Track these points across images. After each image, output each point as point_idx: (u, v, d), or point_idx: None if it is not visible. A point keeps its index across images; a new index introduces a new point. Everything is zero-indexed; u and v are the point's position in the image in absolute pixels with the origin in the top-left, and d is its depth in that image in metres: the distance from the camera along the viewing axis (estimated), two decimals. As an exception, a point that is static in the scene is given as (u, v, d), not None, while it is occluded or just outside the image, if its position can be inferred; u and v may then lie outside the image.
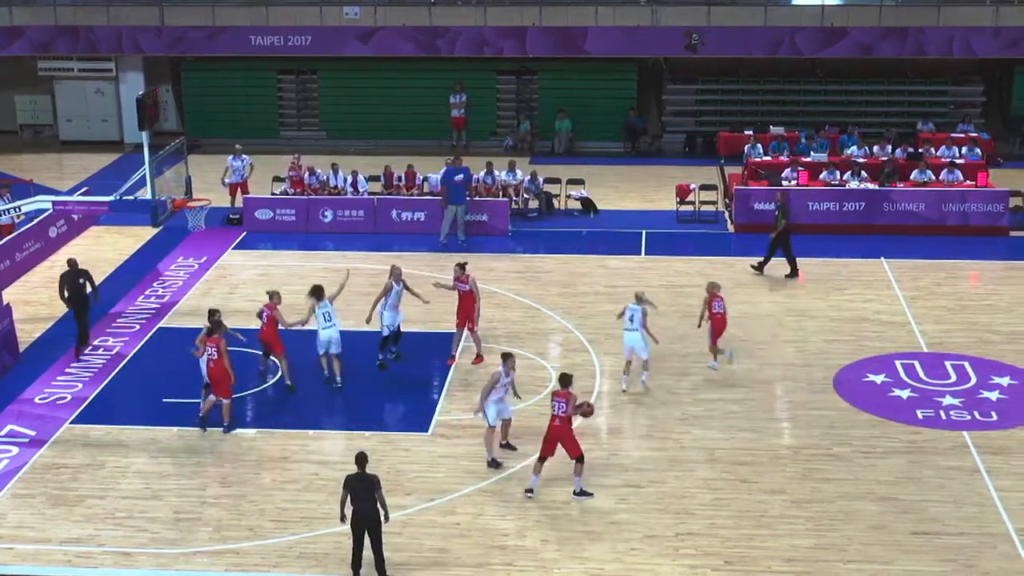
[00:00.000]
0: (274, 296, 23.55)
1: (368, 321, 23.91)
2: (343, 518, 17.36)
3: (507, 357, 20.31)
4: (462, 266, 24.34)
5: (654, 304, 23.66)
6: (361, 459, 17.44)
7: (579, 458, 19.22)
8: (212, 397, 21.67)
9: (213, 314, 22.36)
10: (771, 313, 26.87)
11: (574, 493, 19.29)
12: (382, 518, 17.20)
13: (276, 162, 36.92)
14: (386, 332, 24.12)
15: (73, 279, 25.12)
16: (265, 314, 23.27)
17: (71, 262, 25.46)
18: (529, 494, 19.17)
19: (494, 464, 20.20)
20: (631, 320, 22.79)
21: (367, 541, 17.21)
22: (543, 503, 19.14)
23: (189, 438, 21.44)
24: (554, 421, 19.17)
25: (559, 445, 19.18)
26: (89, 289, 25.24)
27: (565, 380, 19.56)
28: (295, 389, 23.09)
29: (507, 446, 20.70)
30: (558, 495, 19.36)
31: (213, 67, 42.81)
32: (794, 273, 29.03)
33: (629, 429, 21.70)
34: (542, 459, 19.28)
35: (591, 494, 19.26)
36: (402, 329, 24.44)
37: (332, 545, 18.08)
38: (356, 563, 17.29)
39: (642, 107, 42.37)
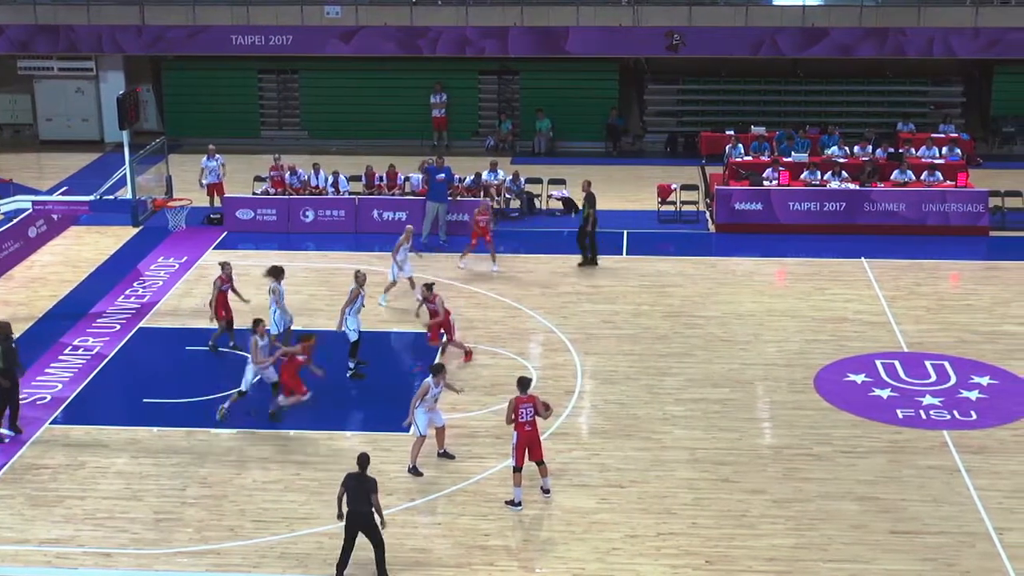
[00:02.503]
0: (226, 267, 25.01)
1: (339, 328, 23.80)
2: (340, 516, 17.36)
3: (439, 370, 20.20)
4: (428, 287, 24.32)
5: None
6: (363, 460, 17.43)
7: (541, 461, 19.21)
8: (283, 397, 21.83)
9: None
10: (752, 313, 26.93)
11: (544, 491, 19.29)
12: (378, 523, 17.17)
13: (257, 162, 36.86)
14: (354, 337, 23.71)
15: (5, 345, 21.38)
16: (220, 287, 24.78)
17: (3, 326, 21.62)
18: (518, 507, 18.97)
19: (415, 472, 19.98)
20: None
21: (362, 542, 17.12)
22: (525, 503, 19.10)
23: (169, 438, 21.38)
24: (524, 427, 18.95)
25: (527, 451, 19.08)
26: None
27: (525, 384, 19.43)
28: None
29: (444, 455, 20.52)
30: (539, 495, 19.36)
31: (194, 66, 42.66)
32: (592, 262, 29.65)
33: (611, 429, 21.70)
34: (518, 469, 19.00)
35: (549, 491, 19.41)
36: (386, 329, 24.38)
37: (313, 546, 18.06)
38: (342, 562, 17.25)
39: (623, 107, 42.39)
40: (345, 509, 17.25)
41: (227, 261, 25.70)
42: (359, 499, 17.09)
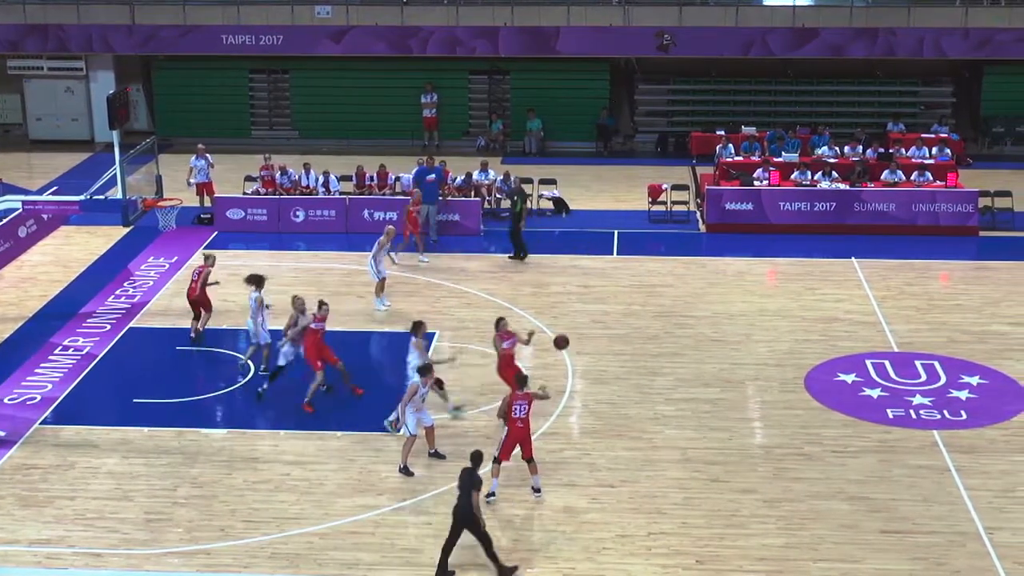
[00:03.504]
0: (209, 259, 25.76)
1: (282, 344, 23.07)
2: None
3: (426, 371, 20.13)
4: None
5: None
6: (475, 457, 17.61)
7: (531, 458, 19.30)
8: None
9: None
10: (743, 313, 26.95)
11: (535, 490, 19.28)
12: (477, 519, 17.35)
13: (248, 162, 36.81)
14: (283, 361, 22.79)
15: None
16: (197, 272, 25.37)
17: None
18: (491, 498, 18.99)
19: (406, 471, 19.97)
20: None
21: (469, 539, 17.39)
22: (515, 502, 19.15)
23: (160, 438, 21.35)
24: (516, 423, 19.05)
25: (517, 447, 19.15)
26: None
27: (522, 380, 19.50)
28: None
29: (435, 454, 20.49)
30: (529, 495, 19.37)
31: (184, 66, 42.60)
32: (521, 256, 30.15)
33: (601, 429, 21.71)
34: (498, 461, 19.07)
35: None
36: (379, 330, 24.26)
37: (304, 546, 18.04)
38: (445, 549, 17.40)
39: (614, 107, 42.41)
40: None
41: (212, 254, 26.10)
42: (463, 493, 17.30)
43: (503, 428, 19.35)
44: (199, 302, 25.44)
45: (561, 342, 22.26)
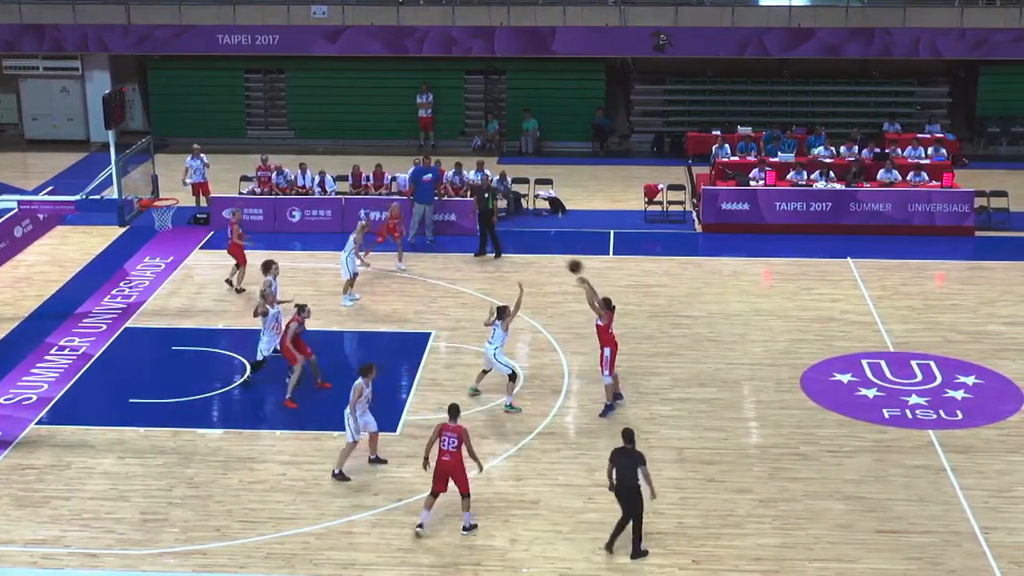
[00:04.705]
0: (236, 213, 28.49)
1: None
2: (611, 487, 17.83)
3: (368, 371, 19.87)
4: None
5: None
6: (628, 434, 17.78)
7: (467, 495, 18.36)
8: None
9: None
10: (739, 313, 26.97)
11: (464, 529, 18.33)
12: (649, 494, 17.58)
13: (243, 161, 36.80)
14: (260, 356, 23.16)
15: None
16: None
17: None
18: (419, 529, 18.21)
19: (341, 477, 19.69)
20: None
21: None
22: (511, 502, 19.14)
23: (156, 438, 21.34)
24: (443, 456, 18.17)
25: (450, 480, 18.30)
26: None
27: (454, 412, 18.60)
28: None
29: (377, 460, 20.34)
30: (527, 494, 19.38)
31: (180, 66, 42.59)
32: (492, 252, 30.28)
33: (597, 429, 21.71)
34: (434, 494, 18.31)
35: (476, 526, 18.49)
36: (374, 330, 24.32)
37: (300, 546, 18.04)
38: (616, 530, 17.71)
39: (610, 107, 42.43)
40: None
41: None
42: (627, 473, 17.51)
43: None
44: (233, 255, 28.09)
45: (574, 266, 22.78)
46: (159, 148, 35.48)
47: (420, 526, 18.28)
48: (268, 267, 24.71)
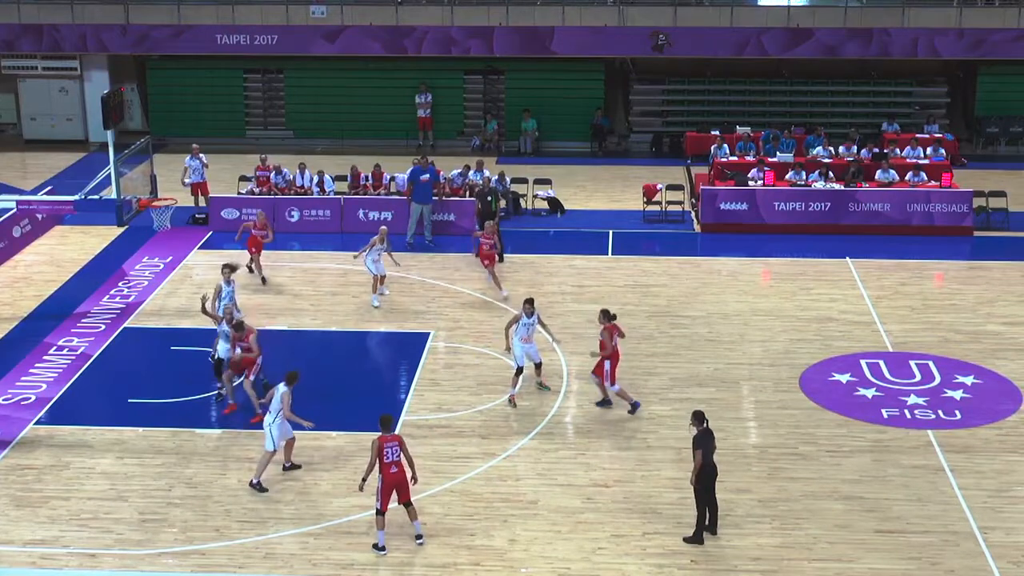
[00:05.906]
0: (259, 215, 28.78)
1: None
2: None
3: (293, 379, 19.71)
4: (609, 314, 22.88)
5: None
6: (700, 415, 18.04)
7: (410, 503, 18.01)
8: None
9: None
10: (738, 313, 26.97)
11: (417, 537, 17.99)
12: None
13: (242, 161, 36.79)
14: (221, 354, 22.75)
15: None
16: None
17: None
18: (382, 552, 17.75)
19: (259, 488, 19.52)
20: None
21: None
22: (510, 502, 19.15)
23: (154, 439, 21.33)
24: (389, 469, 17.61)
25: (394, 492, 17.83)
26: None
27: (387, 423, 18.08)
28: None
29: (292, 467, 20.18)
30: (526, 494, 19.38)
31: (179, 66, 42.58)
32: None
33: (596, 429, 21.72)
34: (382, 513, 17.75)
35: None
36: (373, 329, 24.32)
37: (298, 546, 18.04)
38: (712, 518, 18.04)
39: (609, 107, 42.43)
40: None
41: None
42: (710, 452, 17.91)
43: (377, 476, 17.83)
44: (250, 246, 28.61)
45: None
46: (158, 148, 35.51)
47: (383, 549, 17.76)
48: (228, 271, 24.22)
